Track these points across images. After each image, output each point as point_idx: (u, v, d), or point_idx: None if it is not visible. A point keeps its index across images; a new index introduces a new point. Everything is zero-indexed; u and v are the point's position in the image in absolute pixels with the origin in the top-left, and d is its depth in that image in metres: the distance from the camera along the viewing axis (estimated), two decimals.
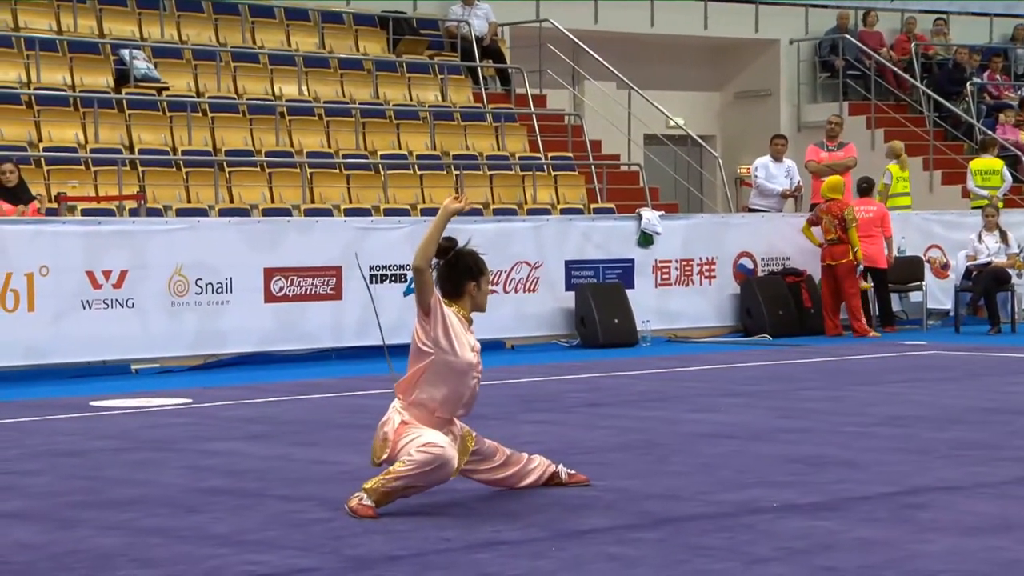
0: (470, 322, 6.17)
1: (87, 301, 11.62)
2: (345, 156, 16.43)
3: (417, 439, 5.87)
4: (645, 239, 14.94)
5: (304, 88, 17.35)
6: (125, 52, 16.12)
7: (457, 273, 6.12)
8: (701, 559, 5.10)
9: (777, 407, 9.43)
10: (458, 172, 16.90)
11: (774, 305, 15.25)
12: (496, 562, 5.09)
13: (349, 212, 15.02)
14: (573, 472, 6.49)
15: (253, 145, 16.04)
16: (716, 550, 5.23)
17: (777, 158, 16.71)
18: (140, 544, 5.42)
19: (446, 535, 5.52)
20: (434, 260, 6.03)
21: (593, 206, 17.46)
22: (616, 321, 14.26)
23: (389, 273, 13.25)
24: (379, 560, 5.14)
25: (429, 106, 17.93)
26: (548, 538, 5.47)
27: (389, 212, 15.38)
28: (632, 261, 14.86)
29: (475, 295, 6.12)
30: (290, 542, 5.43)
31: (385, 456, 5.97)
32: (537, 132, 18.57)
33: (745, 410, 9.28)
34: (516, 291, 14.04)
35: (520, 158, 17.95)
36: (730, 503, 6.12)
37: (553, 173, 17.88)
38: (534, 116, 18.79)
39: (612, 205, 17.42)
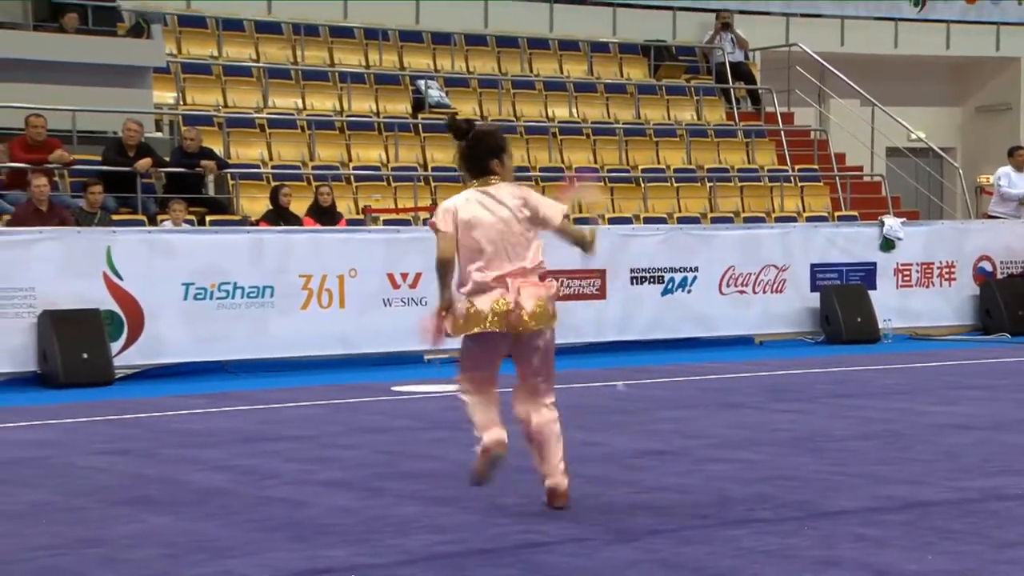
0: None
1: (387, 299, 11.98)
2: (609, 170, 16.44)
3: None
4: (887, 244, 14.41)
5: (574, 110, 17.47)
6: (421, 82, 16.58)
7: (480, 153, 5.46)
8: (948, 542, 4.82)
9: (1020, 399, 8.88)
10: (711, 184, 16.69)
11: (1013, 305, 14.49)
12: (751, 538, 4.95)
13: (612, 220, 15.02)
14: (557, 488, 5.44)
15: (529, 162, 16.24)
16: (963, 534, 4.94)
17: (1019, 168, 15.85)
18: (433, 512, 5.50)
19: (704, 512, 5.41)
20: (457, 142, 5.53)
21: (837, 214, 16.96)
22: (859, 320, 13.79)
23: (648, 275, 13.18)
24: (642, 533, 5.08)
25: (685, 124, 17.77)
26: (799, 518, 5.29)
27: (648, 220, 15.30)
28: (874, 264, 14.35)
29: (500, 171, 5.46)
30: (562, 515, 5.41)
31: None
32: (785, 146, 18.18)
33: (988, 402, 8.79)
34: (764, 292, 13.74)
35: (768, 170, 17.59)
36: (975, 489, 5.78)
37: (799, 184, 17.45)
38: (782, 132, 18.39)
39: (855, 213, 16.88)
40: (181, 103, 15.27)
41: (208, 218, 13.13)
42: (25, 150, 12.53)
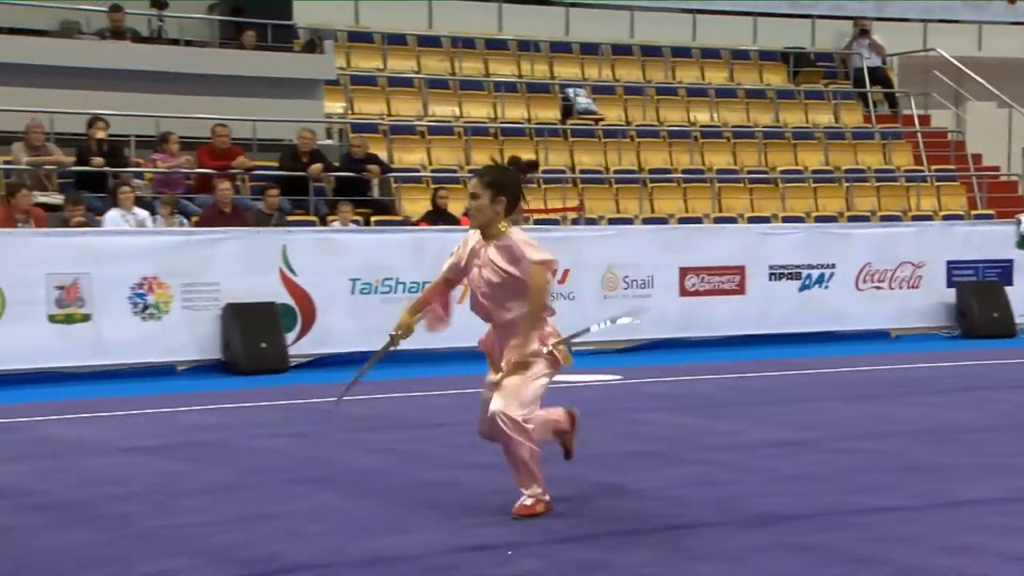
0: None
1: None
2: (749, 172, 16.22)
3: None
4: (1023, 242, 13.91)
5: (715, 115, 17.28)
6: (570, 90, 16.63)
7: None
8: None
9: None
10: (848, 184, 16.33)
11: None
12: (883, 525, 4.87)
13: (751, 220, 14.82)
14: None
15: (671, 164, 16.14)
16: None
17: None
18: (582, 495, 5.53)
19: (835, 499, 5.33)
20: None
21: (973, 212, 16.41)
22: (995, 315, 13.34)
23: (786, 272, 12.98)
24: (776, 518, 5.03)
25: (823, 127, 17.41)
26: (924, 507, 5.17)
27: (786, 220, 15.06)
28: (1011, 261, 13.85)
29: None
30: (699, 500, 5.40)
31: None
32: (921, 148, 17.67)
33: None
34: (900, 287, 13.40)
35: (905, 171, 17.11)
36: None
37: (935, 184, 16.94)
38: (919, 134, 17.87)
39: (992, 211, 16.30)
40: (349, 112, 15.63)
41: (373, 218, 13.42)
42: (211, 157, 13.03)
